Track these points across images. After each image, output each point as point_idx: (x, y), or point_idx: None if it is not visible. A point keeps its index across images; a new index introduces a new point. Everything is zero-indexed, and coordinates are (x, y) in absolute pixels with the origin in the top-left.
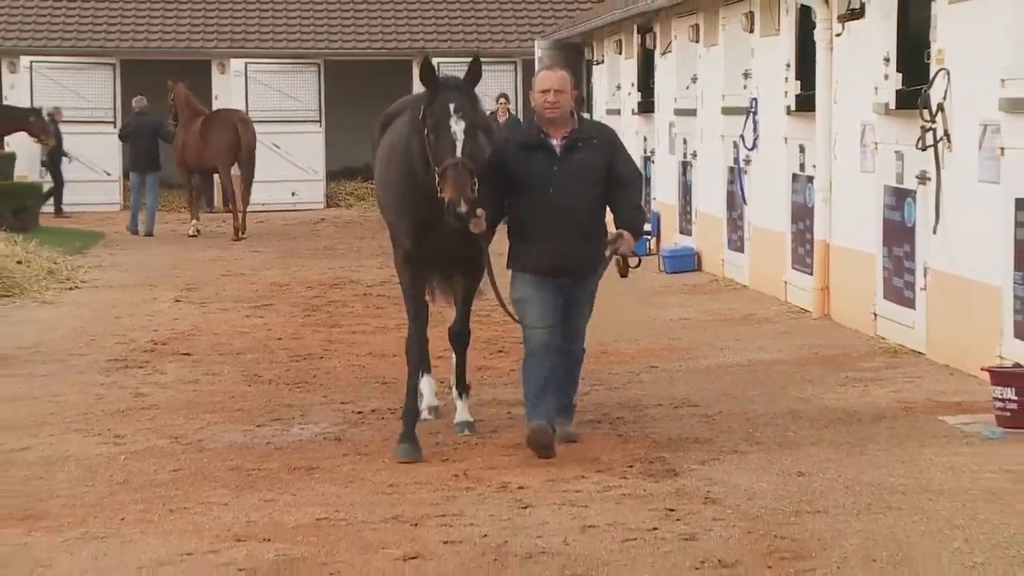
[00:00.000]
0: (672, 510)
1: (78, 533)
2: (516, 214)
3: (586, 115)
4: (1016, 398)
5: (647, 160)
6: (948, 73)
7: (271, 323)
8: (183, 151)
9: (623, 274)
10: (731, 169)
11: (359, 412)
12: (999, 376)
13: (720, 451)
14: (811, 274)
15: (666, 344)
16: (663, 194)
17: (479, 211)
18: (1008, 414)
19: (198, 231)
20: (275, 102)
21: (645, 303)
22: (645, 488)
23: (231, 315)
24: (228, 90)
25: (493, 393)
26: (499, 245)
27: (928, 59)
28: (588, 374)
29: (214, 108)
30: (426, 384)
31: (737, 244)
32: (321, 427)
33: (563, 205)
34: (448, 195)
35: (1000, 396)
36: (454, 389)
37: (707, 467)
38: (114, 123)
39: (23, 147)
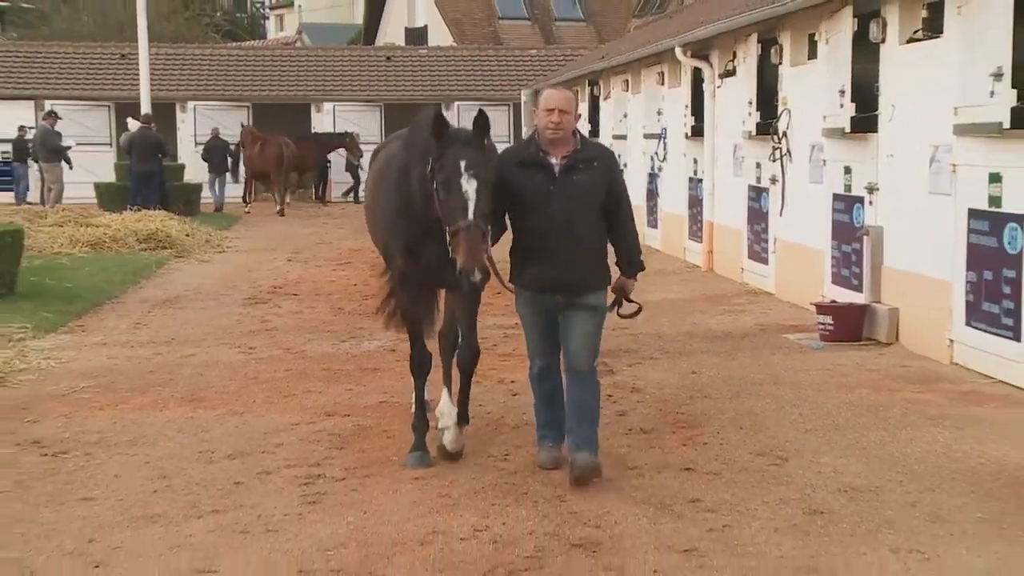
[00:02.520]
0: (610, 395)
1: (225, 410)
2: (516, 231)
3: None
4: (832, 323)
5: None
6: (789, 112)
7: (350, 275)
8: (248, 162)
9: (622, 315)
10: (650, 174)
11: (404, 338)
12: (821, 308)
13: (642, 357)
14: (701, 242)
15: None
16: None
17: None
18: (827, 333)
19: (248, 211)
20: (351, 130)
21: None
22: None
23: (324, 270)
24: (321, 123)
25: (494, 320)
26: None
27: (777, 103)
28: None
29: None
30: (444, 400)
31: (653, 223)
32: (382, 342)
33: (561, 224)
34: (462, 263)
35: (822, 321)
36: (454, 416)
37: (633, 368)
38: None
39: (189, 157)
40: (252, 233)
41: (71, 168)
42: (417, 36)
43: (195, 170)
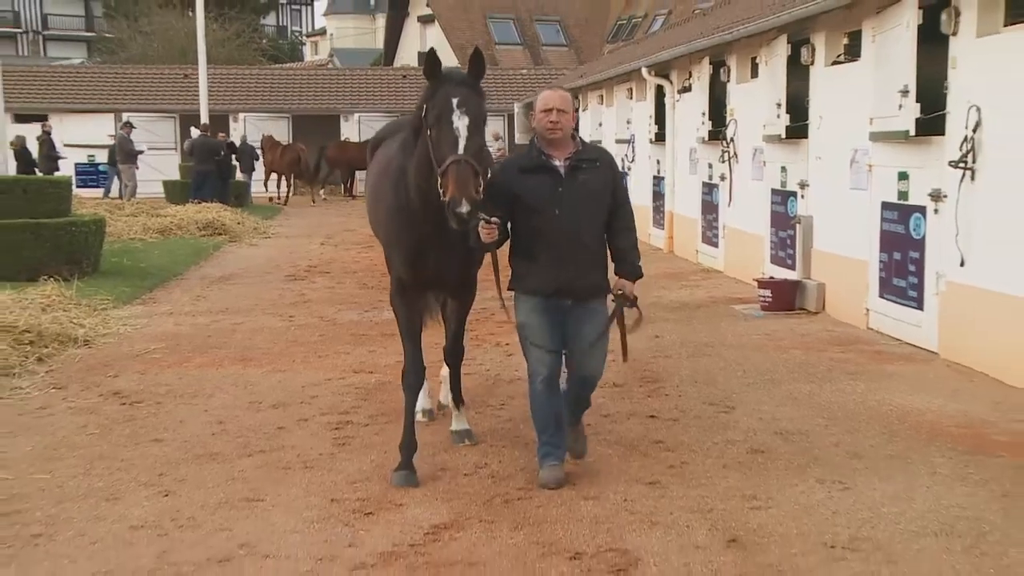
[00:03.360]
0: None
1: (270, 368)
2: (519, 236)
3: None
4: (770, 295)
5: None
6: (736, 121)
7: (373, 256)
8: (270, 164)
9: (625, 327)
10: (621, 173)
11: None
12: (761, 283)
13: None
14: (663, 229)
15: None
16: None
17: (494, 219)
18: (767, 304)
19: (272, 201)
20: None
21: None
22: None
23: (352, 252)
24: (350, 131)
25: (491, 293)
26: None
27: (725, 114)
28: None
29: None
30: (422, 391)
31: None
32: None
33: (568, 227)
34: (449, 193)
35: (762, 294)
36: (450, 401)
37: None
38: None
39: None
40: (292, 222)
41: (136, 169)
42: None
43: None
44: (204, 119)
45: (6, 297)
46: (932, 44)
